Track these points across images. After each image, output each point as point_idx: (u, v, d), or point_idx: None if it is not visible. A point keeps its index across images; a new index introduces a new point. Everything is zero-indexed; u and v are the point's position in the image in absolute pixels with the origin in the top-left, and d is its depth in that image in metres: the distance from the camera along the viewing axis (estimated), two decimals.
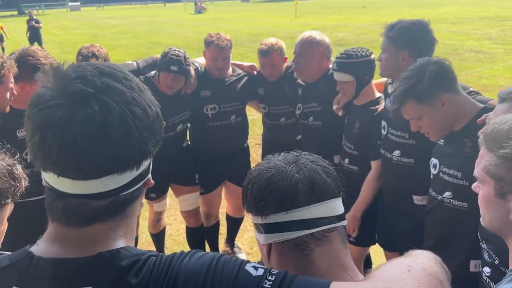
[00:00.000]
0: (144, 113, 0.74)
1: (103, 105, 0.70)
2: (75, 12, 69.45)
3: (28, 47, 2.56)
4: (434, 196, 1.99)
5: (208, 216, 3.61)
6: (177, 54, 2.88)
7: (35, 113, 0.71)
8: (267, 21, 29.38)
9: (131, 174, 0.75)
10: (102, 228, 0.77)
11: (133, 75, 0.78)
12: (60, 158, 0.70)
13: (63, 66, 0.74)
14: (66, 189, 0.73)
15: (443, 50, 13.45)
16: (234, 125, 3.30)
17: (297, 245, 0.91)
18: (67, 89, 0.70)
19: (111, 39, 22.72)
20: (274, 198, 0.91)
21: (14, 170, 1.14)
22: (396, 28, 2.30)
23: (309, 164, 0.95)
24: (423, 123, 1.91)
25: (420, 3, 38.05)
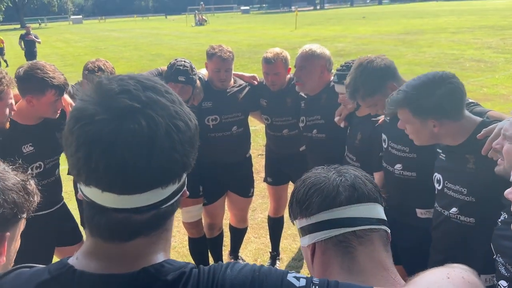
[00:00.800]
0: (186, 127, 0.74)
1: (149, 119, 0.69)
2: (77, 25, 70.01)
3: (37, 61, 2.57)
4: (440, 211, 1.97)
5: (211, 227, 3.59)
6: (183, 64, 2.91)
7: (79, 128, 0.69)
8: (267, 32, 29.57)
9: (173, 187, 0.76)
10: (144, 242, 0.77)
11: (171, 90, 0.78)
12: (107, 174, 0.69)
13: (105, 80, 0.73)
14: (110, 204, 0.72)
15: (444, 59, 13.52)
16: (236, 136, 3.30)
17: (340, 241, 0.95)
18: (113, 104, 0.69)
19: (113, 52, 22.88)
20: (317, 197, 0.96)
21: (28, 185, 1.13)
22: (365, 88, 2.25)
23: (350, 171, 1.01)
24: (409, 128, 1.91)
25: (419, 14, 38.33)
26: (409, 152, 2.22)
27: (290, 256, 3.96)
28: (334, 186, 0.97)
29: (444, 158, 1.95)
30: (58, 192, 2.85)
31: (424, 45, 16.64)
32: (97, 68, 2.70)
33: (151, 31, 39.19)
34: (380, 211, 1.00)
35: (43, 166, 2.61)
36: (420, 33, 21.65)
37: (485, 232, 1.76)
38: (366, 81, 2.24)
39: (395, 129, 2.28)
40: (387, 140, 2.36)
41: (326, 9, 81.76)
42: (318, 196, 0.97)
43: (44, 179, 2.59)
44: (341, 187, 0.96)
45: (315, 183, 0.99)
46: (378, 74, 2.24)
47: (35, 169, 2.56)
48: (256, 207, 4.90)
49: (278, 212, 3.80)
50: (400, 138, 2.24)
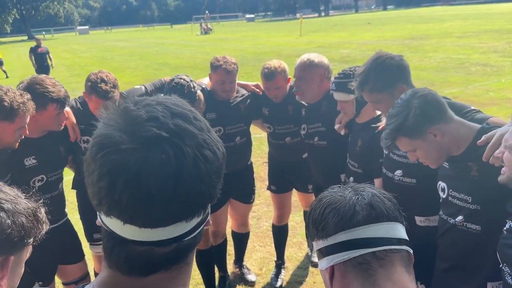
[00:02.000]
0: (214, 156, 0.70)
1: (177, 149, 0.65)
2: (83, 35, 70.87)
3: (36, 75, 2.56)
4: (445, 219, 1.94)
5: (215, 234, 3.58)
6: (180, 82, 2.85)
7: (103, 156, 0.65)
8: (272, 40, 29.69)
9: (197, 220, 0.72)
10: (164, 277, 0.72)
11: (200, 115, 0.74)
12: (131, 206, 0.65)
13: (132, 105, 0.69)
14: (131, 236, 0.68)
15: (450, 64, 13.47)
16: (239, 146, 3.30)
17: (359, 264, 0.90)
18: (140, 133, 0.65)
19: (119, 61, 23.08)
20: (333, 218, 0.92)
21: (38, 213, 1.13)
22: (373, 79, 2.21)
23: (367, 189, 0.97)
24: (419, 154, 1.89)
25: (424, 19, 38.31)
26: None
27: (296, 265, 3.92)
28: (351, 205, 0.93)
29: (448, 166, 1.93)
30: (61, 206, 2.81)
31: (430, 50, 16.61)
32: (99, 79, 2.67)
33: (156, 41, 39.55)
34: (401, 231, 0.94)
35: (45, 179, 2.59)
36: (426, 38, 21.63)
37: (491, 239, 1.73)
38: (379, 75, 2.20)
39: None
40: None
41: (331, 16, 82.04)
42: (334, 216, 0.93)
43: (47, 193, 2.57)
44: (358, 206, 0.92)
45: (330, 203, 0.95)
46: (393, 72, 2.20)
47: (37, 182, 2.55)
48: (261, 216, 4.88)
49: (282, 220, 3.77)
50: None
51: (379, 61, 2.22)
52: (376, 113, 2.61)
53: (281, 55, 19.81)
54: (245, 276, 3.78)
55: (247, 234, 3.82)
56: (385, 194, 0.97)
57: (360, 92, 2.29)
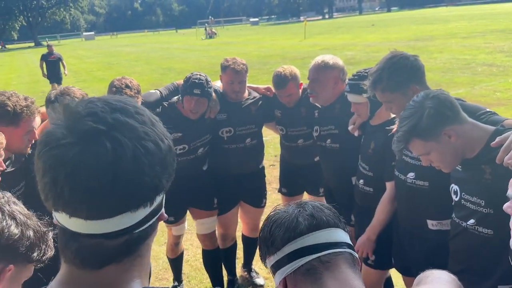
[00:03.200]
0: (157, 148, 0.71)
1: (115, 142, 0.67)
2: (89, 41, 71.34)
3: (69, 86, 2.59)
4: (457, 222, 1.92)
5: (224, 237, 3.59)
6: (199, 77, 2.94)
7: (45, 152, 0.68)
8: (276, 43, 29.74)
9: (144, 211, 0.72)
10: (117, 269, 0.74)
11: (144, 108, 0.76)
12: (72, 199, 0.67)
13: (73, 103, 0.72)
14: (79, 229, 0.70)
15: (455, 65, 13.41)
16: (249, 148, 3.31)
17: (307, 270, 0.96)
18: (78, 127, 0.68)
19: (125, 67, 23.22)
20: (279, 232, 1.00)
21: (46, 235, 1.16)
22: (386, 78, 2.18)
23: (308, 202, 1.05)
24: (432, 157, 1.86)
25: (429, 20, 38.19)
26: None
27: None
28: (293, 217, 1.00)
29: (461, 169, 1.90)
30: None
31: (435, 51, 16.56)
32: (124, 85, 2.69)
33: (162, 45, 39.73)
34: (342, 235, 1.01)
35: None
36: (430, 39, 21.56)
37: (504, 244, 1.71)
38: (392, 75, 2.17)
39: None
40: None
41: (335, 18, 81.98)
42: (280, 230, 1.00)
43: None
44: (300, 217, 1.00)
45: (276, 219, 1.03)
46: (407, 72, 2.18)
47: None
48: None
49: None
50: None
51: (393, 61, 2.20)
52: (391, 116, 2.58)
53: (285, 58, 19.81)
54: (254, 279, 3.78)
55: (257, 239, 3.81)
56: (325, 204, 1.06)
57: (373, 91, 2.27)
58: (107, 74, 19.95)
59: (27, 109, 2.20)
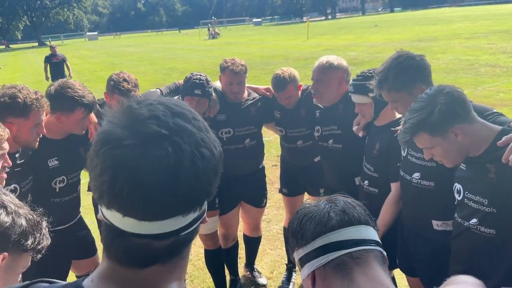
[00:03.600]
0: (211, 154, 0.73)
1: (176, 147, 0.68)
2: (93, 41, 71.49)
3: (67, 79, 2.64)
4: (460, 222, 1.92)
5: (226, 237, 3.61)
6: (199, 78, 2.96)
7: (106, 152, 0.68)
8: (279, 43, 29.74)
9: (193, 215, 0.75)
10: (160, 270, 0.76)
11: (199, 115, 0.78)
12: (130, 200, 0.68)
13: (135, 104, 0.73)
14: (130, 228, 0.71)
15: (458, 65, 13.39)
16: (248, 149, 3.32)
17: (338, 265, 0.97)
18: (141, 130, 0.69)
19: (128, 67, 23.25)
20: (310, 225, 1.01)
21: (40, 224, 1.17)
22: (392, 78, 2.18)
23: (339, 198, 1.06)
24: (436, 152, 1.87)
25: (432, 20, 38.12)
26: (429, 160, 2.18)
27: None
28: (325, 212, 1.01)
29: (465, 168, 1.90)
30: (78, 207, 2.91)
31: (438, 52, 16.53)
32: (121, 78, 2.76)
33: (165, 46, 39.79)
34: (373, 233, 1.02)
35: (66, 181, 2.66)
36: (433, 40, 21.52)
37: (506, 244, 1.71)
38: (398, 74, 2.18)
39: None
40: (406, 148, 2.31)
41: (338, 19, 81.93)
42: (311, 223, 1.01)
43: (67, 196, 2.68)
44: (332, 213, 1.01)
45: (306, 213, 1.04)
46: (413, 71, 2.18)
47: (58, 183, 2.62)
48: (271, 219, 4.89)
49: None
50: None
51: (399, 60, 2.20)
52: (396, 116, 2.58)
53: (288, 58, 19.82)
54: (256, 279, 3.79)
55: (259, 238, 3.83)
56: (356, 202, 1.05)
57: (379, 90, 2.28)
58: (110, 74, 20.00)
59: (37, 101, 2.26)
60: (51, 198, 2.60)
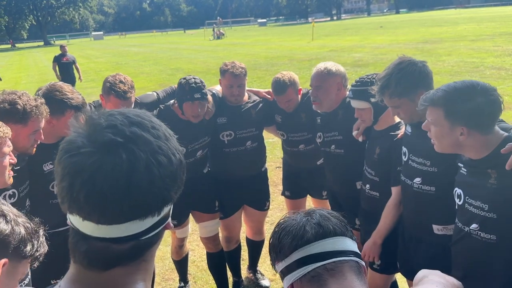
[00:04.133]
0: (168, 161, 0.76)
1: (130, 154, 0.72)
2: (98, 41, 71.79)
3: (55, 82, 2.64)
4: (460, 227, 1.93)
5: (228, 240, 3.61)
6: (195, 81, 2.96)
7: (65, 159, 0.74)
8: (284, 44, 29.73)
9: (152, 220, 0.77)
10: (122, 272, 0.79)
11: (160, 123, 0.81)
12: (87, 204, 0.72)
13: (96, 114, 0.77)
14: (90, 232, 0.75)
15: (464, 68, 13.34)
16: (250, 151, 3.33)
17: (313, 277, 0.99)
18: (98, 138, 0.73)
19: (133, 67, 23.34)
20: (287, 240, 1.03)
21: (38, 232, 1.20)
22: (394, 84, 2.18)
23: (316, 211, 1.09)
24: (434, 131, 1.87)
25: (438, 22, 37.99)
26: (430, 165, 2.17)
27: None
28: (301, 226, 1.04)
29: (465, 172, 1.90)
30: None
31: (443, 54, 16.46)
32: (118, 80, 2.77)
33: (170, 46, 39.90)
34: (349, 244, 1.04)
35: None
36: (439, 41, 21.45)
37: (507, 250, 1.71)
38: (400, 80, 2.18)
39: (416, 142, 2.26)
40: (407, 153, 2.32)
41: (343, 20, 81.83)
42: (288, 237, 1.04)
43: None
44: (308, 226, 1.03)
45: (284, 227, 1.07)
46: (415, 78, 2.19)
47: (55, 187, 2.61)
48: (274, 221, 4.89)
49: None
50: (421, 151, 2.21)
51: (401, 66, 2.21)
52: (395, 121, 2.59)
53: (293, 59, 19.82)
54: (259, 281, 3.80)
55: (262, 241, 3.83)
56: (333, 213, 1.09)
57: (381, 96, 2.28)
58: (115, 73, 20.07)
59: (36, 109, 2.24)
60: (50, 199, 2.60)
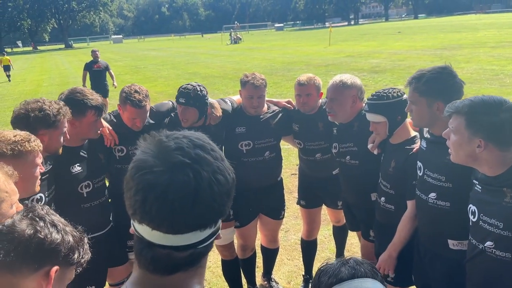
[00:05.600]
0: (225, 180, 0.87)
1: (196, 173, 0.83)
2: (117, 44, 72.78)
3: (75, 86, 2.79)
4: (474, 244, 1.93)
5: (244, 248, 3.65)
6: (186, 87, 3.03)
7: (139, 176, 0.84)
8: (301, 49, 29.72)
9: (209, 231, 0.88)
10: (183, 276, 0.91)
11: (216, 147, 0.91)
12: (158, 216, 0.83)
13: (164, 136, 0.88)
14: (156, 240, 0.86)
15: (483, 75, 13.15)
16: (268, 161, 3.38)
17: None
18: (168, 159, 0.84)
19: (152, 71, 23.64)
20: (324, 278, 1.16)
21: (83, 240, 1.29)
22: (423, 81, 2.23)
23: (352, 259, 1.20)
24: (453, 139, 1.89)
25: (457, 28, 37.48)
26: (445, 181, 2.19)
27: None
28: (337, 267, 1.16)
29: (480, 189, 1.91)
30: (109, 213, 2.99)
31: (462, 61, 16.27)
32: (133, 90, 2.90)
33: (187, 50, 40.24)
34: (378, 285, 1.13)
35: (91, 185, 2.77)
36: (458, 48, 21.19)
37: None
38: (430, 81, 2.21)
39: (431, 157, 2.29)
40: (422, 168, 2.34)
41: (361, 25, 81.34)
42: (325, 276, 1.16)
43: (96, 200, 2.79)
44: (343, 268, 1.15)
45: (323, 270, 1.20)
46: (444, 87, 2.21)
47: (84, 188, 2.72)
48: (289, 228, 4.93)
49: (312, 235, 3.81)
50: (436, 167, 2.22)
51: (440, 70, 2.23)
52: (411, 134, 2.62)
53: (310, 64, 19.80)
54: None
55: (276, 249, 3.87)
56: (366, 261, 1.20)
57: (408, 85, 2.32)
58: (135, 78, 20.34)
59: (62, 110, 2.39)
60: (81, 204, 2.71)
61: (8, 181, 1.48)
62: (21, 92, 18.10)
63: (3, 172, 1.48)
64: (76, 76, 17.65)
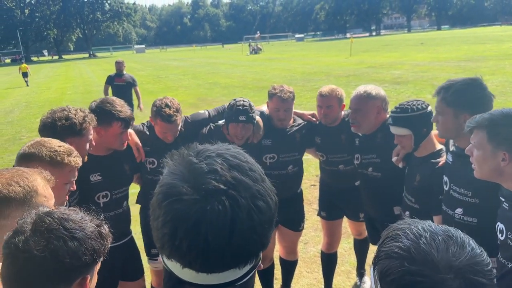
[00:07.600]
0: (267, 206, 0.75)
1: (233, 201, 0.71)
2: (140, 54, 74.14)
3: (108, 96, 2.77)
4: (504, 263, 1.86)
5: (262, 259, 3.56)
6: (242, 104, 3.01)
7: (167, 205, 0.73)
8: (321, 60, 29.68)
9: (249, 266, 0.77)
10: None
11: (255, 164, 0.80)
12: (190, 253, 0.71)
13: (193, 156, 0.77)
14: (188, 278, 0.75)
15: (509, 88, 12.85)
16: (291, 175, 3.34)
17: None
18: (201, 184, 0.72)
19: (173, 80, 23.93)
20: None
21: (102, 230, 1.25)
22: (452, 91, 2.19)
23: None
24: (476, 154, 1.84)
25: (481, 39, 36.91)
26: (472, 196, 2.12)
27: None
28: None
29: (507, 207, 1.85)
30: (126, 224, 2.96)
31: (487, 73, 15.94)
32: (164, 104, 2.87)
33: (208, 60, 40.68)
34: None
35: (109, 196, 2.75)
36: (482, 59, 20.81)
37: None
38: (459, 92, 2.17)
39: (458, 172, 2.22)
40: (448, 183, 2.28)
41: (382, 35, 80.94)
42: None
43: (111, 211, 2.75)
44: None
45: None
46: (473, 98, 2.16)
47: (101, 198, 2.71)
48: (308, 240, 4.85)
49: (332, 248, 3.74)
50: (463, 182, 2.16)
51: (470, 82, 2.19)
52: (436, 147, 2.55)
53: (330, 75, 19.74)
54: None
55: (295, 261, 3.80)
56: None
57: (436, 95, 2.28)
58: (156, 87, 20.63)
59: (87, 118, 2.40)
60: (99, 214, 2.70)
61: (46, 186, 1.48)
62: (46, 100, 18.52)
63: (42, 177, 1.49)
64: (99, 85, 17.98)
